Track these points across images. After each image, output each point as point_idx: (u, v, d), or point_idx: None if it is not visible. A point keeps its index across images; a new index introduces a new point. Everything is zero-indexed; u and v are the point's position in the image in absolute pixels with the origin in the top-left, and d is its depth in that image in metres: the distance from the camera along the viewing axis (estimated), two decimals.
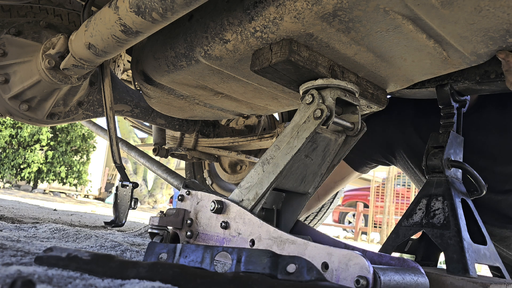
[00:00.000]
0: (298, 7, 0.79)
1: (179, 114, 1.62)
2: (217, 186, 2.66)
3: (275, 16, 0.83)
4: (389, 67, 0.99)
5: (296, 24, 0.82)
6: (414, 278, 0.73)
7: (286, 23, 0.83)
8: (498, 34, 0.84)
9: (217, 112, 1.51)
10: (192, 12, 1.05)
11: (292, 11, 0.80)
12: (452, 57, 0.94)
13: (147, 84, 1.34)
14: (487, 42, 0.88)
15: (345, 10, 0.78)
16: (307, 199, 1.08)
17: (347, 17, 0.80)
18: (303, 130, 0.92)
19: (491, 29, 0.83)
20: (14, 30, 1.36)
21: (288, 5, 0.80)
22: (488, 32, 0.84)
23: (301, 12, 0.79)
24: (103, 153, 14.84)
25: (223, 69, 1.07)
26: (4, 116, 1.50)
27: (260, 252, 0.68)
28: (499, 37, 0.86)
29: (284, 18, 0.82)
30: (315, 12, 0.78)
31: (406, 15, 0.80)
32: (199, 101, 1.40)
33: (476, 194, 1.09)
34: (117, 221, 1.45)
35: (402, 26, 0.82)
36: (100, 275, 0.68)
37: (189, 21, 1.06)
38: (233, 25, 0.92)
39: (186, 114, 1.59)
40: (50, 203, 5.76)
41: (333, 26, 0.82)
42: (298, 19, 0.81)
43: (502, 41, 0.87)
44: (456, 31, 0.84)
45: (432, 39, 0.87)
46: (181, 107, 1.50)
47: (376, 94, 1.08)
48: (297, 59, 0.88)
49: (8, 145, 10.21)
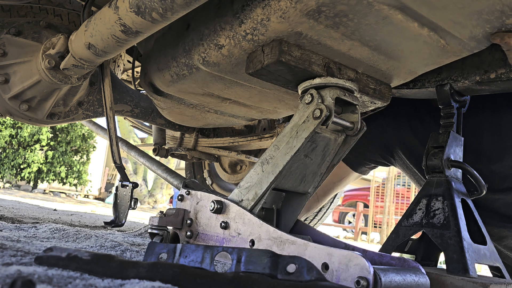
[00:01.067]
0: (282, 6, 0.79)
1: (193, 123, 1.63)
2: (217, 186, 2.66)
3: (262, 17, 0.83)
4: (387, 60, 0.98)
5: (283, 23, 0.82)
6: (415, 279, 0.72)
7: (274, 24, 0.83)
8: (493, 16, 0.83)
9: (229, 119, 1.51)
10: (189, 21, 1.06)
11: (278, 10, 0.80)
12: (451, 45, 0.92)
13: (157, 95, 1.35)
14: (483, 25, 0.86)
15: (328, 6, 0.77)
16: (307, 199, 1.08)
17: (332, 13, 0.79)
18: (303, 130, 0.92)
19: (483, 11, 0.81)
20: (14, 30, 1.36)
21: (273, 5, 0.80)
22: (481, 14, 0.82)
23: (286, 11, 0.79)
24: (103, 153, 14.84)
25: (223, 75, 1.07)
26: (4, 116, 1.50)
27: (260, 252, 0.68)
28: (495, 19, 0.84)
29: (271, 18, 0.82)
30: (299, 10, 0.78)
31: (392, 5, 0.79)
32: (209, 109, 1.40)
33: (476, 194, 1.09)
34: (117, 221, 1.45)
35: (390, 17, 0.81)
36: (100, 275, 0.68)
37: (186, 30, 1.07)
38: (225, 30, 0.93)
39: (200, 122, 1.59)
40: (50, 203, 5.76)
41: (321, 22, 0.82)
42: (284, 18, 0.81)
43: (499, 23, 0.85)
44: (448, 16, 0.82)
45: (426, 27, 0.86)
46: (193, 115, 1.50)
47: (378, 89, 1.07)
48: (288, 59, 0.88)
49: (8, 145, 10.21)
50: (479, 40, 0.91)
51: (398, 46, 0.92)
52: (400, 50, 0.94)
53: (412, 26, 0.85)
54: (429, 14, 0.81)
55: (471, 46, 0.93)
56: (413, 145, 1.49)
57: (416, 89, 1.23)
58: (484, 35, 0.89)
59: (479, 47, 0.94)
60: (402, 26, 0.84)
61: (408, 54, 0.96)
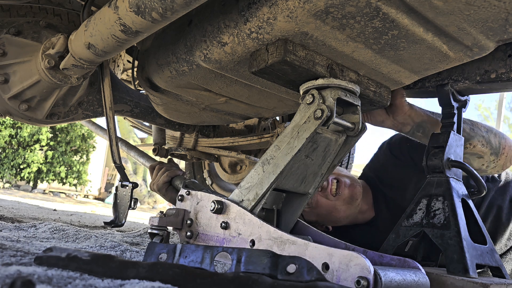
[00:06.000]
0: (290, 6, 0.79)
1: (188, 120, 1.62)
2: (217, 186, 2.66)
3: (269, 16, 0.83)
4: (389, 63, 0.98)
5: (289, 23, 0.82)
6: (415, 278, 0.72)
7: (280, 23, 0.83)
8: (497, 24, 0.83)
9: (224, 117, 1.51)
10: (191, 17, 1.05)
11: (285, 10, 0.80)
12: (453, 50, 0.93)
13: (153, 90, 1.34)
14: (486, 32, 0.86)
15: (337, 7, 0.77)
16: (307, 199, 1.08)
17: (340, 14, 0.79)
18: (304, 130, 0.91)
19: (489, 19, 0.81)
20: (14, 30, 1.36)
21: (281, 5, 0.80)
22: (486, 22, 0.83)
23: (294, 11, 0.79)
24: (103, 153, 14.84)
25: (224, 72, 1.07)
26: (4, 116, 1.50)
27: (260, 252, 0.68)
28: (499, 27, 0.84)
29: (277, 17, 0.82)
30: (307, 10, 0.78)
31: (400, 9, 0.79)
32: (205, 106, 1.40)
33: (476, 194, 1.09)
34: (117, 221, 1.45)
35: (397, 20, 0.81)
36: (100, 275, 0.68)
37: (188, 26, 1.06)
38: (229, 27, 0.92)
39: (195, 119, 1.59)
40: (50, 203, 5.75)
41: (327, 23, 0.82)
42: (291, 18, 0.81)
43: (502, 31, 0.86)
44: (453, 23, 0.83)
45: (430, 32, 0.86)
46: (189, 112, 1.50)
47: (378, 92, 1.07)
48: (293, 59, 0.88)
49: (8, 145, 10.21)
50: (481, 47, 0.92)
51: (401, 50, 0.92)
52: (403, 54, 0.94)
53: (417, 31, 0.85)
54: (435, 19, 0.82)
55: (473, 52, 0.94)
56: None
57: (416, 89, 1.23)
58: (487, 42, 0.90)
59: (480, 53, 0.95)
60: (408, 30, 0.84)
61: (410, 58, 0.96)
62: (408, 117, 1.27)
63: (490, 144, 1.30)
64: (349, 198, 1.55)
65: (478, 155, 1.30)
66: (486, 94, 1.18)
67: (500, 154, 1.32)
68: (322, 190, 1.55)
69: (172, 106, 1.44)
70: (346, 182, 1.56)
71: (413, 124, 1.28)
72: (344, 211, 1.56)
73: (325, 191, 1.54)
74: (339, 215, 1.57)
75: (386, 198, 1.59)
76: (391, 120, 1.29)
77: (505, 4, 0.77)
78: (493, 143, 1.31)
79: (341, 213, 1.56)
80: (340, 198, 1.54)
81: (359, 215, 1.61)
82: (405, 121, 1.28)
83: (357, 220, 1.63)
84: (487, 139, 1.30)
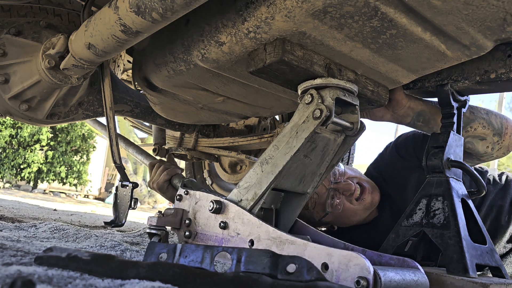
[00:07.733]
0: (288, 6, 0.79)
1: (185, 119, 1.62)
2: (217, 186, 2.66)
3: (267, 15, 0.83)
4: (387, 63, 0.98)
5: (287, 22, 0.82)
6: (414, 278, 0.72)
7: (278, 22, 0.83)
8: (496, 24, 0.83)
9: (222, 116, 1.51)
10: (189, 16, 1.05)
11: (283, 9, 0.80)
12: (451, 50, 0.93)
13: (150, 90, 1.34)
14: (484, 32, 0.87)
15: (335, 6, 0.77)
16: (306, 199, 1.08)
17: (338, 13, 0.79)
18: (302, 130, 0.92)
19: (487, 18, 0.82)
20: (14, 30, 1.36)
21: (279, 4, 0.80)
22: (484, 21, 0.83)
23: (292, 10, 0.79)
24: (103, 153, 14.85)
25: (221, 72, 1.07)
26: (4, 116, 1.50)
27: (260, 252, 0.68)
28: (497, 27, 0.85)
29: (275, 17, 0.82)
30: (305, 9, 0.78)
31: (398, 9, 0.79)
32: (203, 105, 1.40)
33: (476, 194, 1.09)
34: (117, 221, 1.45)
35: (395, 20, 0.82)
36: (100, 275, 0.68)
37: (186, 26, 1.06)
38: (227, 27, 0.92)
39: (192, 119, 1.59)
40: (50, 203, 5.76)
41: (325, 23, 0.82)
42: (289, 17, 0.81)
43: (500, 31, 0.86)
44: (451, 22, 0.83)
45: (428, 32, 0.86)
46: (186, 112, 1.50)
47: (376, 91, 1.07)
48: (291, 58, 0.88)
49: (8, 145, 10.22)
50: (479, 46, 0.92)
51: (399, 49, 0.92)
52: (401, 53, 0.94)
53: (415, 30, 0.85)
54: (433, 18, 0.82)
55: (471, 51, 0.94)
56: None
57: (416, 89, 1.23)
58: (485, 41, 0.90)
59: (478, 53, 0.95)
60: (406, 29, 0.85)
61: (408, 57, 0.96)
62: (408, 108, 1.28)
63: (492, 125, 1.31)
64: (369, 204, 1.52)
65: (480, 137, 1.31)
66: (486, 94, 1.19)
67: (503, 134, 1.33)
68: (350, 195, 1.50)
69: (169, 105, 1.44)
70: (369, 188, 1.53)
71: (413, 114, 1.29)
72: (360, 215, 1.53)
73: (351, 196, 1.50)
74: (355, 219, 1.54)
75: (391, 198, 1.59)
76: (391, 114, 1.30)
77: (503, 3, 0.77)
78: (494, 124, 1.32)
79: (357, 217, 1.53)
80: (362, 203, 1.50)
81: (366, 217, 1.60)
82: (405, 113, 1.29)
83: (363, 221, 1.62)
84: (487, 121, 1.31)
